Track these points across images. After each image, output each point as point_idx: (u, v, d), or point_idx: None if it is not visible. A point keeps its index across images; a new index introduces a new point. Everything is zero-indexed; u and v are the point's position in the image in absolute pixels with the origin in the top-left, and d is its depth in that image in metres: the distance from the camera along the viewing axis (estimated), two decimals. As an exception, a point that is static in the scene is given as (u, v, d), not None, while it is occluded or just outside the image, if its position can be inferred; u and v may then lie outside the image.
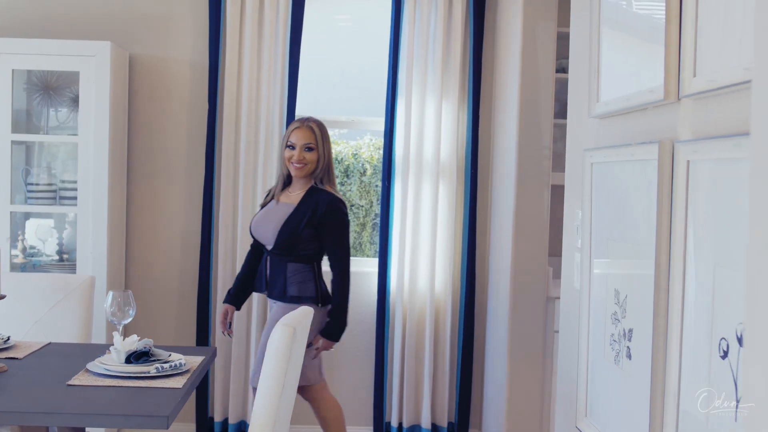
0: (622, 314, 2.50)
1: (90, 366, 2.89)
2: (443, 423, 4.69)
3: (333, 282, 3.77)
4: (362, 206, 5.13)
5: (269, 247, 3.79)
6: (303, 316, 2.91)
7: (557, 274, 4.34)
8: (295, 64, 4.55)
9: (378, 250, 4.71)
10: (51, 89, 4.45)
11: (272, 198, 3.90)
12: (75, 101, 4.41)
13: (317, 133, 3.80)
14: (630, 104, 2.47)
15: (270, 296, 3.82)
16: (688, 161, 2.06)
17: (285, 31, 4.54)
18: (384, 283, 4.63)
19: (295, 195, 3.82)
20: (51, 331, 3.61)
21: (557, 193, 4.35)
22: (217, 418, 4.63)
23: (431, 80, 4.60)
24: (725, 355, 1.79)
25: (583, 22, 3.02)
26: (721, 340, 1.81)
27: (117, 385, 2.73)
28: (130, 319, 3.08)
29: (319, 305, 3.74)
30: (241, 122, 4.56)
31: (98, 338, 4.17)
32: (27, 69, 4.38)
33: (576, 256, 3.02)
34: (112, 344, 2.99)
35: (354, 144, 5.12)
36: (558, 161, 4.43)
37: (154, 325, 4.63)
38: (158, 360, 2.92)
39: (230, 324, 3.98)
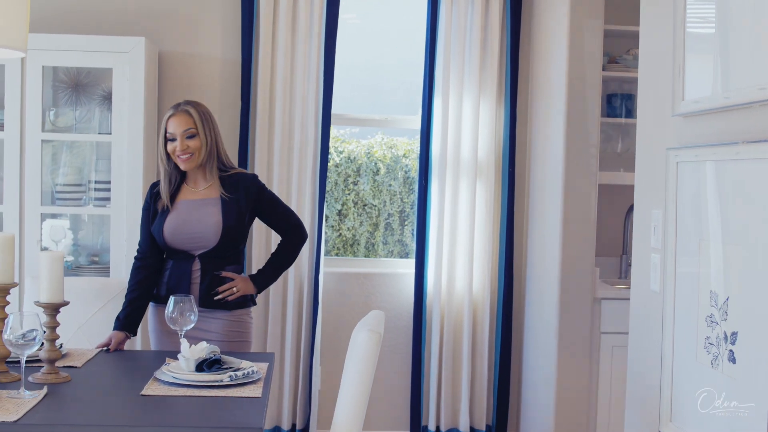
0: (722, 317, 2.44)
1: (158, 374, 2.78)
2: (481, 426, 4.63)
3: (288, 241, 3.51)
4: (375, 206, 5.05)
5: (199, 252, 3.34)
6: (381, 320, 2.82)
7: (602, 275, 4.29)
8: (331, 60, 4.46)
9: (415, 250, 4.63)
10: (80, 87, 4.31)
11: (166, 201, 3.40)
12: (105, 99, 4.28)
13: (196, 116, 3.33)
14: (731, 102, 2.41)
15: (203, 305, 3.31)
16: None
17: (320, 27, 4.45)
18: (421, 284, 4.56)
19: (204, 189, 3.39)
20: (95, 337, 3.50)
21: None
22: (250, 423, 4.52)
23: (468, 78, 4.53)
24: None
25: (659, 19, 2.95)
26: None
27: (192, 394, 2.62)
28: (192, 325, 2.97)
29: (250, 307, 3.48)
30: (275, 120, 4.46)
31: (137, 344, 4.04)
32: (57, 66, 4.23)
33: (653, 257, 2.96)
34: (173, 351, 2.89)
35: (366, 143, 5.03)
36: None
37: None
38: (230, 368, 2.81)
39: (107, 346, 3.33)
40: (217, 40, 4.56)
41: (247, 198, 3.38)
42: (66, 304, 2.79)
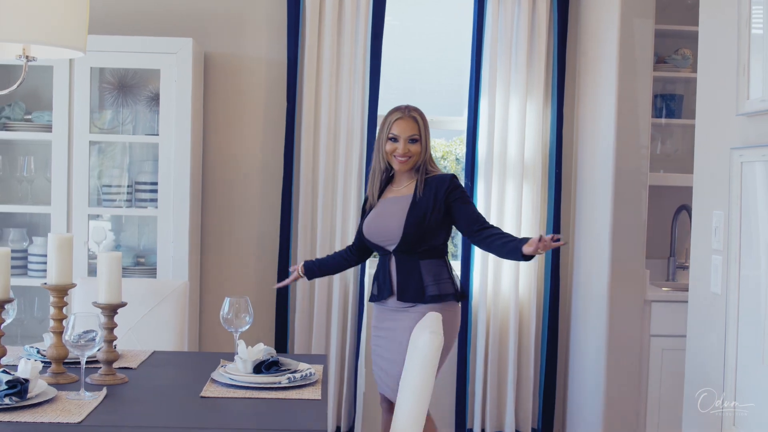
0: (791, 320, 2.39)
1: (215, 376, 2.77)
2: (527, 429, 4.58)
3: (495, 231, 3.41)
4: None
5: (392, 247, 3.48)
6: (440, 322, 2.79)
7: (649, 277, 4.24)
8: (377, 61, 4.44)
9: (460, 252, 4.60)
10: (126, 88, 4.31)
11: (374, 198, 3.61)
12: (152, 100, 4.28)
13: (420, 123, 3.51)
14: (801, 101, 2.37)
15: (402, 299, 3.45)
16: None
17: (366, 28, 4.43)
18: (466, 286, 4.52)
19: (404, 188, 3.54)
20: (147, 338, 3.49)
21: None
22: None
23: (515, 78, 4.49)
24: None
25: (721, 19, 2.91)
26: None
27: (251, 396, 2.60)
28: (247, 326, 2.97)
29: (458, 302, 3.51)
30: (321, 121, 4.44)
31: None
32: (105, 67, 4.24)
33: (714, 258, 2.92)
34: (231, 351, 2.87)
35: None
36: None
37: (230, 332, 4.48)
38: (288, 370, 2.79)
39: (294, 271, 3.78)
40: (262, 41, 4.55)
41: (436, 196, 3.44)
42: (124, 305, 2.79)
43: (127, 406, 2.50)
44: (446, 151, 4.97)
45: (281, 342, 4.48)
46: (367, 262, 4.51)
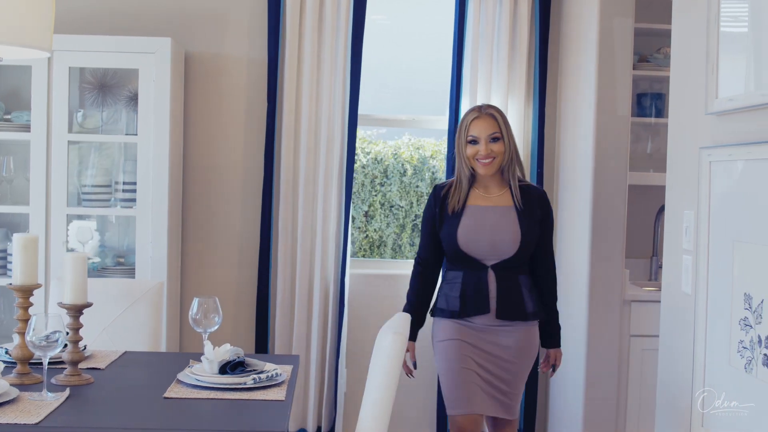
0: (756, 320, 2.38)
1: (181, 377, 2.75)
2: (509, 430, 4.57)
3: (545, 284, 3.39)
4: (402, 207, 5.00)
5: (493, 261, 3.25)
6: (406, 323, 2.77)
7: (631, 277, 4.22)
8: (358, 60, 4.42)
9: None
10: (106, 88, 4.30)
11: (459, 206, 3.31)
12: (131, 100, 4.27)
13: (500, 119, 3.29)
14: (764, 99, 2.35)
15: (501, 317, 3.25)
16: None
17: (347, 27, 4.42)
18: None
19: (497, 196, 3.32)
20: (120, 339, 3.48)
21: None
22: (276, 426, 4.49)
23: (496, 78, 4.48)
24: None
25: (692, 17, 2.89)
26: None
27: (215, 397, 2.59)
28: (216, 327, 2.95)
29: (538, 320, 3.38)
30: (302, 121, 4.43)
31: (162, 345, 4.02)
32: (84, 67, 4.23)
33: (685, 258, 2.90)
34: (198, 352, 2.86)
35: (393, 144, 4.99)
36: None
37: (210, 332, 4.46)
38: (254, 370, 2.78)
39: (414, 363, 3.49)
40: (243, 41, 4.54)
41: (540, 211, 3.32)
42: (89, 305, 2.77)
43: (89, 407, 2.49)
44: (435, 150, 4.96)
45: (262, 342, 4.47)
46: (348, 261, 4.52)
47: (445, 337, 3.30)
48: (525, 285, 3.30)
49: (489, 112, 3.28)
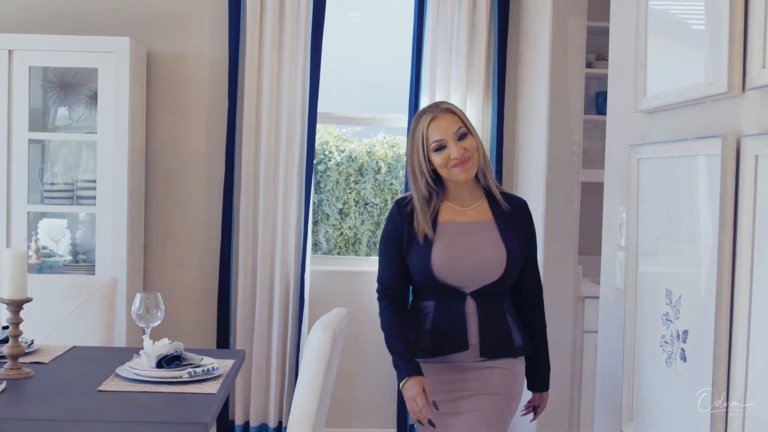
0: (675, 315, 2.41)
1: (119, 371, 2.80)
2: (468, 425, 4.60)
3: (533, 311, 2.93)
4: (377, 204, 5.04)
5: (472, 289, 2.74)
6: (341, 318, 2.81)
7: (586, 273, 4.26)
8: (317, 58, 4.46)
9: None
10: (68, 87, 4.35)
11: (428, 230, 2.74)
12: (92, 99, 4.32)
13: (459, 113, 2.77)
14: (683, 98, 2.39)
15: (486, 355, 2.75)
16: (757, 156, 1.97)
17: (306, 26, 4.45)
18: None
19: (472, 209, 2.81)
20: (73, 334, 3.52)
21: (585, 190, 4.26)
22: (238, 421, 4.54)
23: (455, 77, 4.51)
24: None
25: (625, 15, 2.93)
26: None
27: (149, 390, 2.64)
28: (158, 322, 2.99)
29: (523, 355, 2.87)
30: (262, 119, 4.47)
31: (120, 341, 4.07)
32: (44, 66, 4.27)
33: (618, 254, 2.94)
34: (142, 348, 2.90)
35: (368, 142, 5.03)
36: (586, 158, 4.34)
37: (172, 328, 4.52)
38: (190, 364, 2.82)
39: (435, 403, 2.68)
40: (204, 39, 4.58)
41: (523, 223, 2.84)
42: (29, 300, 2.80)
43: (23, 401, 2.53)
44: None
45: (223, 337, 4.51)
46: (309, 258, 4.56)
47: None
48: (510, 313, 2.81)
49: (445, 108, 2.76)
